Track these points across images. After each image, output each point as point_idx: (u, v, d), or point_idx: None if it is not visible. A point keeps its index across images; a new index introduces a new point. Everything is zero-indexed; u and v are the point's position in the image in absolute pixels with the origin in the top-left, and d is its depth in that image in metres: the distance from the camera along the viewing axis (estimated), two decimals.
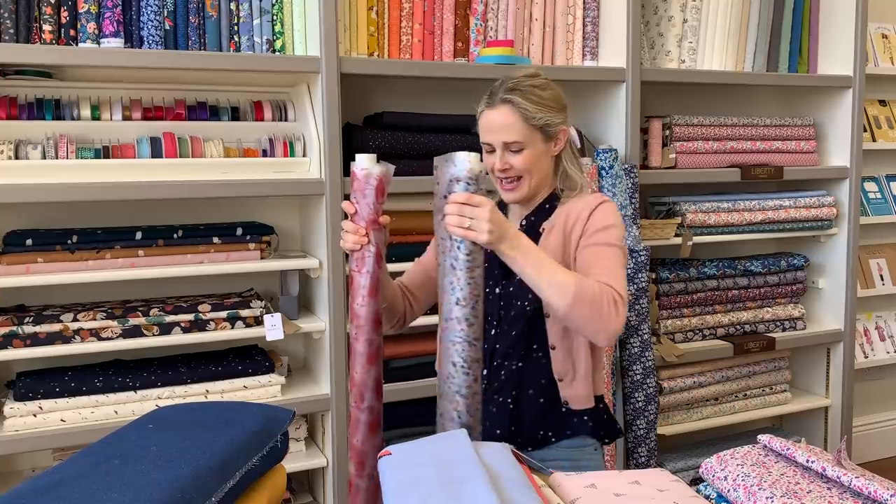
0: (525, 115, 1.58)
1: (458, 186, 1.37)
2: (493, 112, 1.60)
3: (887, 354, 3.48)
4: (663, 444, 2.80)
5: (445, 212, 1.37)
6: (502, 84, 1.61)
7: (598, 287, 1.45)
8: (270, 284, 2.49)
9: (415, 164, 2.33)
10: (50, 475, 0.99)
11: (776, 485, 1.07)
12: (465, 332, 1.36)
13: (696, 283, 2.83)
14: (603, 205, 1.62)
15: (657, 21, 2.77)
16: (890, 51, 3.40)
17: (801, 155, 2.96)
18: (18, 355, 2.03)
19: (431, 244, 1.78)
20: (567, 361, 1.63)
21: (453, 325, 1.37)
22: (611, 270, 1.52)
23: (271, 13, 2.21)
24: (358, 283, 1.45)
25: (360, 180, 1.43)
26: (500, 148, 1.60)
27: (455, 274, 1.37)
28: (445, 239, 1.39)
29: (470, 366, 1.37)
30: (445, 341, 1.39)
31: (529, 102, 1.58)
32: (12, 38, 1.99)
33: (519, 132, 1.58)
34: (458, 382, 1.37)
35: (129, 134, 2.16)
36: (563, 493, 1.10)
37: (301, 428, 2.36)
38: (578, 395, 1.64)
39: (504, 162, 1.60)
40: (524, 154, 1.59)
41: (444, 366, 1.39)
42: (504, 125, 1.58)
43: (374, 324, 1.45)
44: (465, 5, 2.43)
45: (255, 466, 1.11)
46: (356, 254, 1.45)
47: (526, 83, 1.60)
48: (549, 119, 1.60)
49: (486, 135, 1.62)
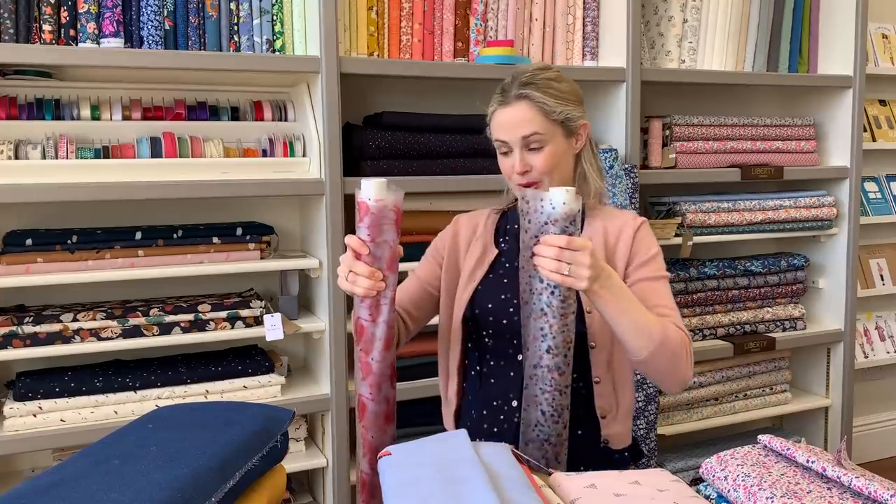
0: (544, 110, 1.47)
1: (554, 228, 1.25)
2: (508, 109, 1.48)
3: (887, 354, 3.48)
4: (663, 444, 2.80)
5: (540, 254, 1.25)
6: (514, 80, 1.50)
7: (678, 334, 1.39)
8: (270, 284, 2.49)
9: (415, 164, 2.34)
10: (50, 475, 0.98)
11: (776, 485, 1.07)
12: (556, 382, 1.28)
13: (696, 283, 2.83)
14: (645, 226, 1.54)
15: (657, 21, 2.77)
16: (890, 51, 3.40)
17: (801, 155, 2.96)
18: (18, 355, 2.03)
19: (427, 258, 1.68)
20: (612, 396, 1.52)
21: (543, 374, 1.28)
22: (675, 311, 1.45)
23: (271, 13, 2.21)
24: (371, 335, 1.28)
25: (374, 214, 1.23)
26: (518, 146, 1.48)
27: (546, 320, 1.27)
28: (535, 279, 1.28)
29: (560, 413, 1.30)
30: (532, 388, 1.30)
31: (548, 96, 1.47)
32: (12, 38, 1.99)
33: (540, 126, 1.46)
34: (548, 431, 1.30)
35: (129, 134, 2.16)
36: (563, 493, 1.10)
37: (301, 428, 2.36)
38: (619, 433, 1.55)
39: (524, 163, 1.48)
40: (546, 152, 1.48)
41: (531, 412, 1.31)
42: (522, 120, 1.47)
43: (391, 378, 1.33)
44: (465, 5, 2.43)
45: (255, 466, 1.11)
46: (368, 300, 1.28)
47: (540, 76, 1.50)
48: (569, 112, 1.50)
49: (501, 132, 1.50)
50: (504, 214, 1.68)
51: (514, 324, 1.50)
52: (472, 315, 1.57)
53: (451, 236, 1.67)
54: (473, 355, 1.60)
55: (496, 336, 1.55)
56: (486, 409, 1.56)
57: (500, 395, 1.54)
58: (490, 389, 1.56)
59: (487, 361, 1.57)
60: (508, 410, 1.52)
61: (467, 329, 1.59)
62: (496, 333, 1.55)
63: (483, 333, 1.57)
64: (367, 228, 1.24)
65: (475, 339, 1.59)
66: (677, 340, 1.38)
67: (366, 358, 1.30)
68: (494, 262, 1.60)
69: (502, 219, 1.67)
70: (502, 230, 1.65)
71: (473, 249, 1.63)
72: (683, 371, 1.41)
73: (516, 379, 1.51)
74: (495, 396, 1.55)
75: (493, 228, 1.65)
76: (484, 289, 1.58)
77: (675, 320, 1.43)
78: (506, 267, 1.59)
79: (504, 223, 1.66)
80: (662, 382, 1.44)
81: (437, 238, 1.70)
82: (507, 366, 1.54)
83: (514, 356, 1.52)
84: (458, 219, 1.71)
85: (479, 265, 1.60)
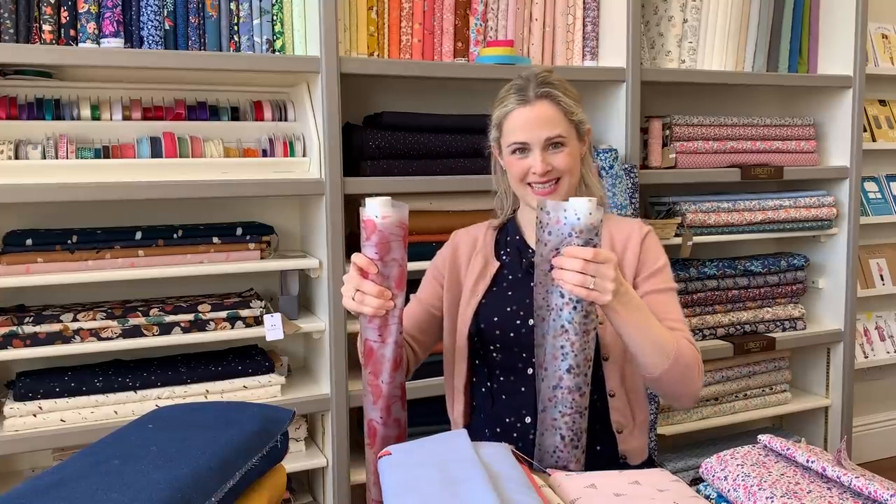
0: (566, 110, 1.47)
1: (577, 240, 1.20)
2: (529, 109, 1.46)
3: (887, 354, 3.48)
4: (663, 444, 2.80)
5: (562, 266, 1.20)
6: (530, 80, 1.48)
7: (690, 350, 1.37)
8: (270, 284, 2.49)
9: (415, 164, 2.34)
10: (50, 475, 0.98)
11: (776, 485, 1.07)
12: (576, 404, 1.23)
13: (696, 283, 2.83)
14: (651, 235, 1.52)
15: (657, 21, 2.77)
16: (890, 51, 3.40)
17: (801, 155, 2.96)
18: (18, 355, 2.03)
19: (427, 279, 1.64)
20: (627, 410, 1.50)
21: (563, 395, 1.23)
22: (685, 325, 1.43)
23: (271, 13, 2.21)
24: (381, 356, 1.25)
25: (382, 232, 1.21)
26: (538, 147, 1.46)
27: (567, 337, 1.22)
28: (554, 294, 1.23)
29: (580, 438, 1.26)
30: (551, 411, 1.25)
31: (567, 97, 1.48)
32: (12, 38, 1.99)
33: (563, 127, 1.46)
34: (566, 457, 1.25)
35: (129, 134, 2.16)
36: (563, 493, 1.10)
37: (301, 428, 2.36)
38: (636, 448, 1.52)
39: (546, 162, 1.46)
40: (565, 152, 1.47)
41: (549, 437, 1.27)
42: (546, 120, 1.45)
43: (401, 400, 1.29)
44: (465, 5, 2.43)
45: (255, 466, 1.11)
46: (376, 320, 1.25)
47: (553, 77, 1.50)
48: (581, 116, 1.51)
49: (523, 133, 1.47)
50: (503, 227, 1.66)
51: (522, 336, 1.48)
52: (479, 330, 1.54)
53: (450, 253, 1.64)
54: (482, 372, 1.56)
55: (505, 350, 1.52)
56: (500, 427, 1.52)
57: (512, 413, 1.51)
58: (502, 407, 1.52)
59: (497, 377, 1.54)
60: (522, 427, 1.49)
61: (473, 346, 1.56)
62: (504, 347, 1.51)
63: (491, 348, 1.53)
64: (374, 247, 1.22)
65: (482, 355, 1.55)
66: (690, 356, 1.36)
67: (375, 381, 1.27)
68: (497, 274, 1.57)
69: (501, 231, 1.65)
70: (502, 242, 1.63)
71: (474, 264, 1.60)
72: (695, 387, 1.39)
73: (528, 394, 1.48)
74: (507, 414, 1.51)
75: (492, 242, 1.63)
76: (489, 302, 1.54)
77: (687, 335, 1.41)
78: (509, 279, 1.56)
79: (503, 235, 1.64)
80: (674, 399, 1.41)
81: (435, 257, 1.67)
82: (518, 381, 1.50)
83: (524, 370, 1.49)
84: (455, 235, 1.68)
85: (482, 278, 1.57)
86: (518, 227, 1.61)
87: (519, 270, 1.56)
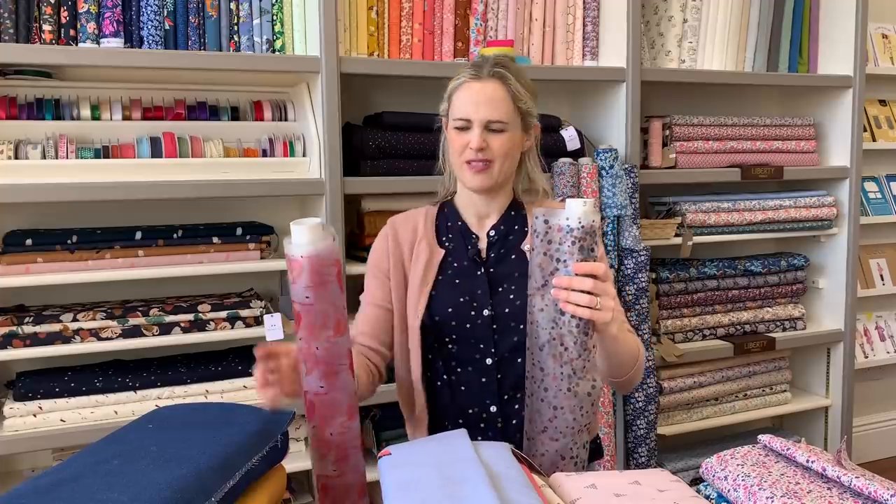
0: (514, 95, 1.45)
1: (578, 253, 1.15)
2: (480, 84, 1.45)
3: (887, 354, 3.48)
4: (663, 444, 2.80)
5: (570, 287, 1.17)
6: (486, 59, 1.48)
7: (639, 343, 1.39)
8: (270, 284, 2.49)
9: (415, 164, 2.33)
10: (50, 475, 0.98)
11: (776, 485, 1.07)
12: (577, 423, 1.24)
13: (696, 283, 2.83)
14: None
15: (657, 21, 2.77)
16: (890, 51, 3.40)
17: (802, 155, 2.96)
18: (18, 355, 2.03)
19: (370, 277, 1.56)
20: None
21: (564, 416, 1.23)
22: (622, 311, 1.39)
23: (271, 13, 2.21)
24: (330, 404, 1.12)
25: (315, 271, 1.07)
26: (479, 126, 1.44)
27: (568, 354, 1.21)
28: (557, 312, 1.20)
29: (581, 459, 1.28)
30: (553, 431, 1.25)
31: (519, 83, 1.47)
32: (12, 38, 1.99)
33: (506, 111, 1.44)
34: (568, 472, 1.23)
35: (129, 134, 2.16)
36: (563, 494, 1.09)
37: (301, 428, 2.36)
38: None
39: (482, 140, 1.43)
40: (504, 136, 1.45)
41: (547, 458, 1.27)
42: (492, 100, 1.44)
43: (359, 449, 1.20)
44: (465, 5, 2.43)
45: (255, 466, 1.11)
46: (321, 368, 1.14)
47: (511, 64, 1.49)
48: (530, 107, 1.49)
49: (468, 108, 1.45)
50: (441, 211, 1.60)
51: (478, 328, 1.46)
52: (432, 322, 1.50)
53: (389, 244, 1.56)
54: (437, 365, 1.52)
55: (460, 342, 1.49)
56: (463, 419, 1.50)
57: (475, 403, 1.49)
58: (463, 398, 1.50)
59: (454, 369, 1.50)
60: (488, 417, 1.48)
61: (426, 337, 1.51)
62: (460, 339, 1.49)
63: (446, 340, 1.50)
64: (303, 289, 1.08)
65: (437, 347, 1.51)
66: (642, 351, 1.40)
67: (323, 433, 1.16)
68: (442, 262, 1.53)
69: (440, 216, 1.59)
70: (443, 228, 1.57)
71: (419, 252, 1.54)
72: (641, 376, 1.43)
73: (489, 384, 1.47)
74: (470, 405, 1.50)
75: (433, 227, 1.57)
76: (439, 293, 1.51)
77: (629, 326, 1.42)
78: (454, 267, 1.52)
79: (443, 221, 1.58)
80: (625, 390, 1.45)
81: (371, 254, 1.59)
82: (477, 372, 1.48)
83: (482, 360, 1.48)
84: (393, 221, 1.61)
85: (429, 268, 1.52)
86: (457, 211, 1.57)
87: (465, 258, 1.52)
